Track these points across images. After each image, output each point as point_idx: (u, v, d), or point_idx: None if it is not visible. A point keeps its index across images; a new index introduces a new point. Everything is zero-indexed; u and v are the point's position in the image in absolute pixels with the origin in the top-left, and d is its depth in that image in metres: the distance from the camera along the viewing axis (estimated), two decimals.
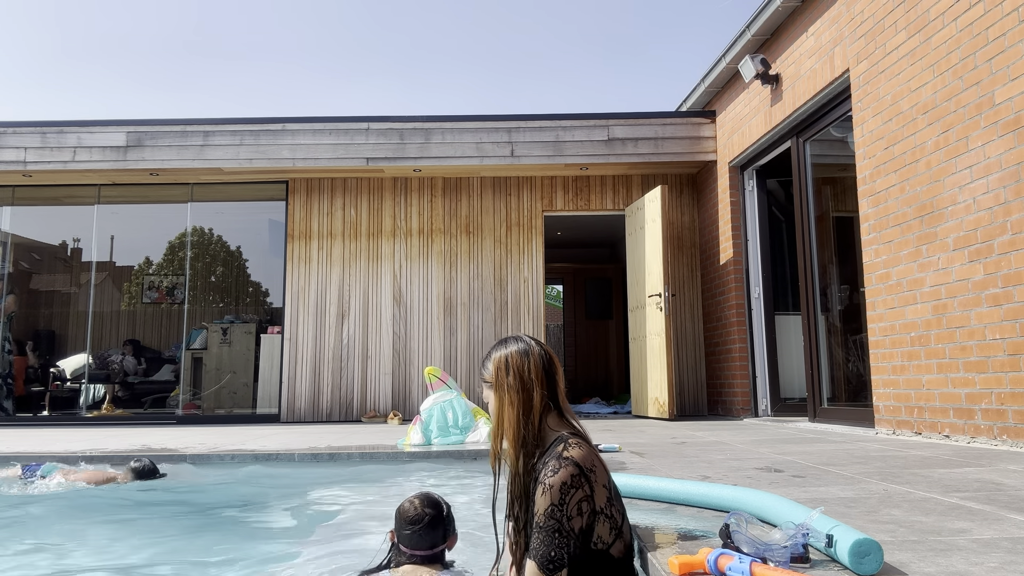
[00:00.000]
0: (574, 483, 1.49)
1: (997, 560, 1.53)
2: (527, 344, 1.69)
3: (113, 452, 4.53)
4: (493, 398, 1.69)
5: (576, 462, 1.51)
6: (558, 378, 1.68)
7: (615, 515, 1.54)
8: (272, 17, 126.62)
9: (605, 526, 1.52)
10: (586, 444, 1.60)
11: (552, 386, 1.65)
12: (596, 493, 1.51)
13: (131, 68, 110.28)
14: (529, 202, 8.32)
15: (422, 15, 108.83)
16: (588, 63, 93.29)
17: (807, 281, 6.13)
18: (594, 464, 1.54)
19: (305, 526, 2.83)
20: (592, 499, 1.50)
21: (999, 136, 3.85)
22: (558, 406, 1.67)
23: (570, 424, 1.66)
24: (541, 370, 1.64)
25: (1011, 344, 3.75)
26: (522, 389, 1.64)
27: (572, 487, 1.48)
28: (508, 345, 1.70)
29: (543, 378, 1.64)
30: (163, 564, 2.30)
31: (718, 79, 7.42)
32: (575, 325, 12.96)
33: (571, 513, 1.47)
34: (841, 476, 2.79)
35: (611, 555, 1.53)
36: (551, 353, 1.71)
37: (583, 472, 1.50)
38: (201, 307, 9.24)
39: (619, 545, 1.54)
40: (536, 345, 1.69)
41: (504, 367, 1.67)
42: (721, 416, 7.56)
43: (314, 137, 7.88)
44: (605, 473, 1.56)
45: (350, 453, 4.51)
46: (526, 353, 1.67)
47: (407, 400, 8.00)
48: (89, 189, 8.48)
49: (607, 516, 1.52)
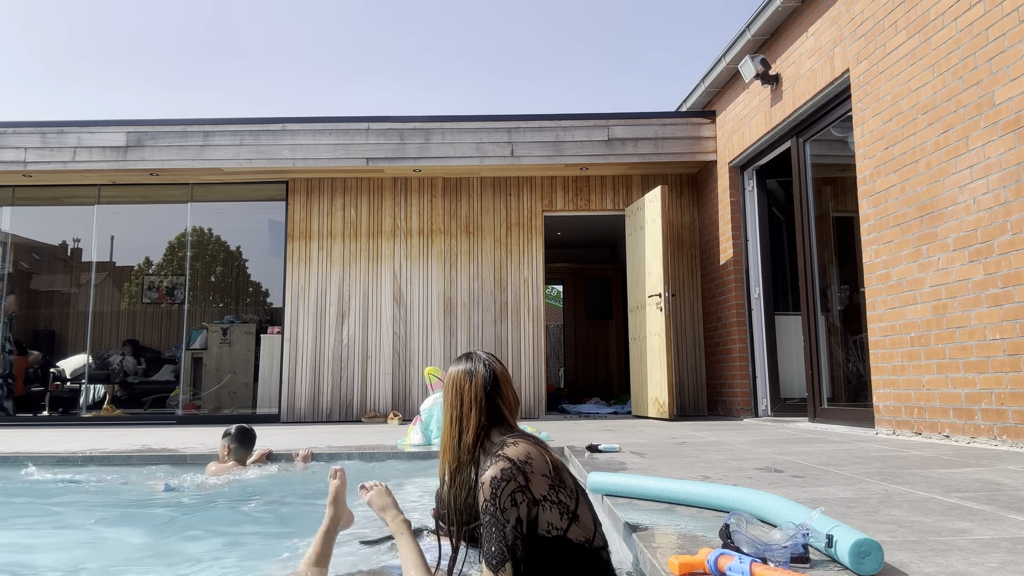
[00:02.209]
0: (504, 476, 1.54)
1: (997, 560, 1.53)
2: (473, 365, 1.76)
3: (113, 452, 4.53)
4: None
5: (507, 456, 1.57)
6: (504, 398, 1.74)
7: (564, 500, 1.56)
8: (273, 17, 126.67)
9: (553, 512, 1.55)
10: (524, 441, 1.64)
11: (493, 408, 1.71)
12: (532, 483, 1.55)
13: (131, 68, 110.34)
14: (529, 202, 8.32)
15: (423, 15, 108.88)
16: (588, 63, 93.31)
17: (807, 281, 6.13)
18: (529, 456, 1.58)
19: (305, 526, 2.83)
20: (528, 489, 1.54)
21: (999, 136, 3.85)
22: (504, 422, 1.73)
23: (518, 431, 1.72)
24: (481, 390, 1.71)
25: (1011, 344, 3.75)
26: (459, 407, 1.72)
27: (503, 480, 1.53)
28: (459, 363, 1.78)
29: (482, 398, 1.71)
30: (163, 564, 2.31)
31: (718, 79, 7.42)
32: (575, 325, 12.96)
33: (505, 504, 1.52)
34: (841, 476, 2.79)
35: (569, 539, 1.55)
36: (498, 373, 1.76)
37: (515, 464, 1.55)
38: (201, 307, 9.24)
39: (577, 530, 1.56)
40: (483, 366, 1.75)
41: (449, 385, 1.77)
42: (721, 416, 7.56)
43: (314, 137, 7.88)
44: (545, 463, 1.60)
45: (350, 453, 4.51)
46: (469, 373, 1.75)
47: (407, 400, 8.00)
48: (89, 189, 8.48)
49: (553, 503, 1.55)
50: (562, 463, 1.67)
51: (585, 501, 1.62)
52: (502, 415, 1.73)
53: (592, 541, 1.58)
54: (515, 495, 1.53)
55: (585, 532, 1.57)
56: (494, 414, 1.72)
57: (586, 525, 1.58)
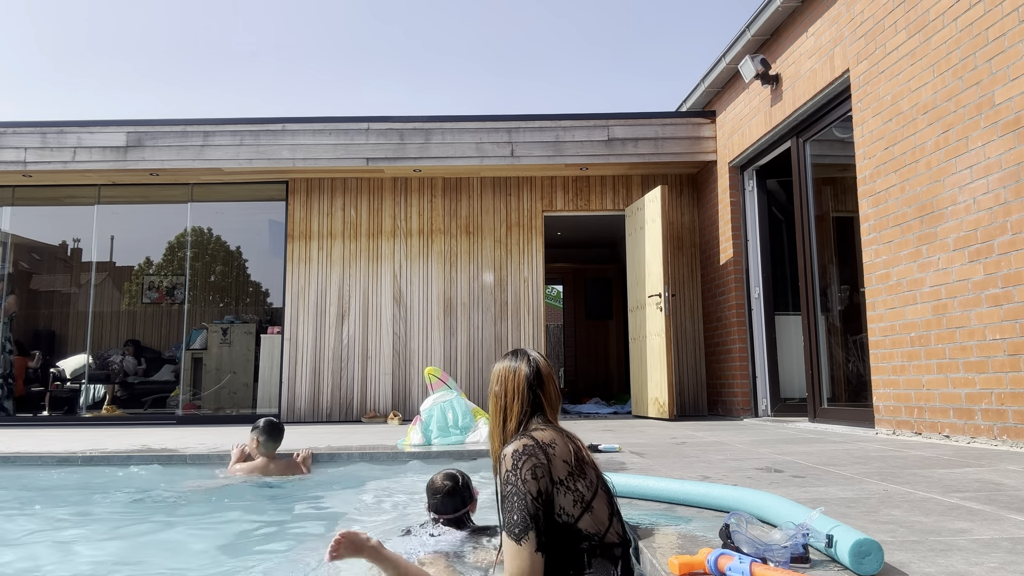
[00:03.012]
0: (526, 451, 1.62)
1: (997, 560, 1.53)
2: (518, 360, 1.86)
3: (113, 452, 4.53)
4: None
5: (532, 436, 1.67)
6: (545, 392, 1.82)
7: (580, 489, 1.61)
8: (273, 17, 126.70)
9: (567, 498, 1.60)
10: (553, 430, 1.72)
11: (535, 399, 1.80)
12: (553, 464, 1.62)
13: (132, 68, 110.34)
14: (529, 202, 8.32)
15: (423, 16, 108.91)
16: (588, 63, 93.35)
17: (807, 281, 6.13)
18: (553, 441, 1.66)
19: (304, 526, 2.84)
20: (548, 468, 1.61)
21: (999, 136, 3.85)
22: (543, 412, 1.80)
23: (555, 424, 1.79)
24: (524, 384, 1.81)
25: (1011, 344, 3.75)
26: (504, 397, 1.83)
27: (524, 455, 1.62)
28: (505, 359, 1.89)
29: (525, 391, 1.80)
30: (163, 565, 2.31)
31: (718, 79, 7.42)
32: (575, 325, 12.96)
33: (525, 476, 1.59)
34: (841, 476, 2.79)
35: (579, 529, 1.59)
36: (541, 369, 1.85)
37: (537, 444, 1.64)
38: (201, 307, 9.24)
39: (588, 520, 1.60)
40: (526, 363, 1.85)
41: (495, 378, 1.88)
42: (721, 416, 7.56)
43: (314, 137, 7.88)
44: (568, 451, 1.66)
45: (350, 453, 4.50)
46: (513, 369, 1.85)
47: (407, 400, 8.00)
48: (89, 189, 8.48)
49: (568, 488, 1.61)
50: (590, 459, 1.72)
51: (605, 496, 1.66)
52: (542, 406, 1.80)
53: (604, 535, 1.60)
54: (536, 469, 1.60)
55: (597, 525, 1.60)
56: (535, 404, 1.80)
57: (599, 518, 1.61)
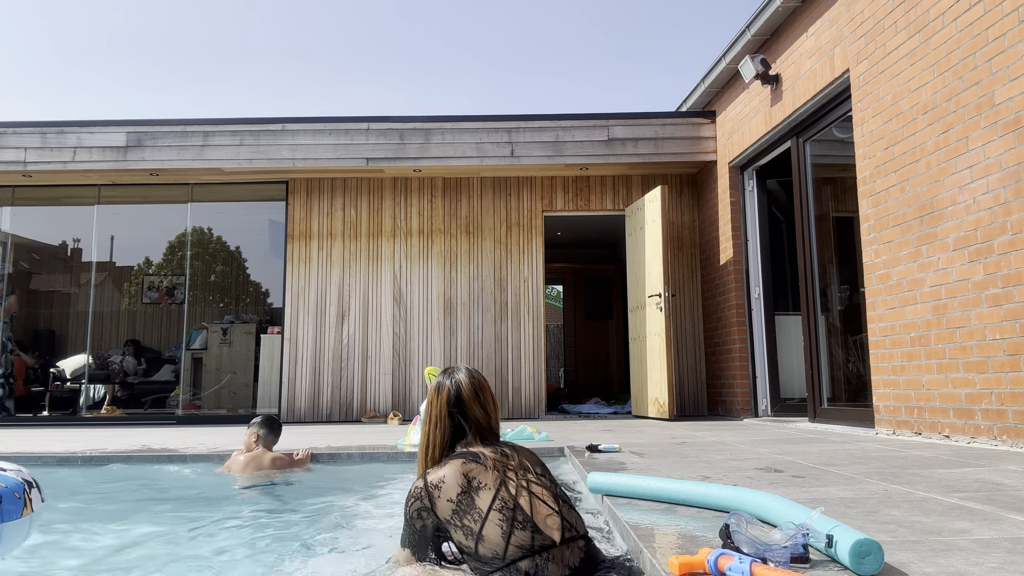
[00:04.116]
0: (414, 494, 1.78)
1: (997, 560, 1.53)
2: (444, 380, 1.93)
3: (113, 452, 4.53)
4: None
5: (425, 477, 1.79)
6: (468, 415, 1.88)
7: (467, 524, 1.70)
8: (274, 17, 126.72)
9: (459, 534, 1.71)
10: (455, 461, 1.79)
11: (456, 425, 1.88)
12: (437, 507, 1.74)
13: (131, 68, 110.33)
14: (529, 202, 8.32)
15: (424, 16, 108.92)
16: (588, 62, 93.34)
17: (807, 281, 6.13)
18: (442, 481, 1.75)
19: (304, 526, 2.84)
20: (432, 510, 1.75)
21: (999, 136, 3.85)
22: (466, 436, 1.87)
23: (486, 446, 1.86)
24: (444, 407, 1.89)
25: (1011, 344, 3.75)
26: (427, 424, 1.91)
27: (412, 497, 1.79)
28: (439, 376, 1.95)
29: (445, 419, 1.88)
30: (162, 565, 2.31)
31: (718, 79, 7.42)
32: (575, 325, 12.96)
33: (412, 516, 1.79)
34: (841, 476, 2.79)
35: (481, 555, 1.68)
36: (463, 391, 1.90)
37: (426, 487, 1.77)
38: (201, 307, 9.24)
39: (483, 548, 1.67)
40: (451, 381, 1.91)
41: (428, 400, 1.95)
42: (721, 416, 7.56)
43: (314, 137, 7.88)
44: (456, 487, 1.74)
45: (350, 453, 4.50)
46: (438, 388, 1.92)
47: (407, 400, 8.00)
48: (89, 189, 8.48)
49: (456, 526, 1.71)
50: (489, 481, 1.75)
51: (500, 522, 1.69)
52: (464, 431, 1.88)
53: (504, 556, 1.66)
54: (421, 512, 1.77)
55: (495, 549, 1.66)
56: (457, 430, 1.88)
57: (493, 542, 1.67)
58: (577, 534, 1.73)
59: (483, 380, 1.96)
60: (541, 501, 1.73)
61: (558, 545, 1.68)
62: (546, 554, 1.66)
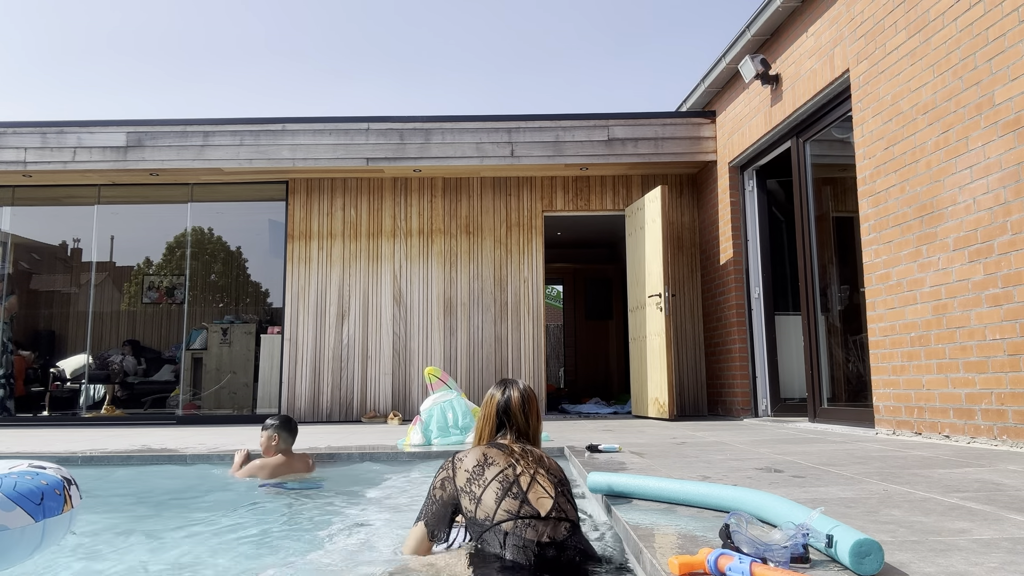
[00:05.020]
0: (443, 466, 2.08)
1: (997, 560, 1.53)
2: (500, 390, 2.26)
3: (113, 452, 4.53)
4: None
5: (454, 453, 2.10)
6: (511, 419, 2.20)
7: (473, 490, 1.96)
8: (272, 16, 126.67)
9: (465, 499, 1.97)
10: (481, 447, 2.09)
11: (500, 423, 2.21)
12: (457, 476, 2.02)
13: (130, 68, 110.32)
14: (529, 202, 8.32)
15: (423, 16, 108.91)
16: (588, 62, 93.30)
17: (807, 281, 6.13)
18: (465, 455, 2.06)
19: (304, 526, 2.84)
20: (453, 479, 2.02)
21: (999, 136, 3.85)
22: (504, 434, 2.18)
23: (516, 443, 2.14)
24: (494, 411, 2.23)
25: (1011, 344, 3.75)
26: (483, 418, 2.26)
27: (441, 468, 2.08)
28: (494, 387, 2.30)
29: (494, 417, 2.23)
30: (162, 565, 2.31)
31: (718, 79, 7.42)
32: (575, 325, 12.96)
33: (435, 485, 2.07)
34: (841, 476, 2.79)
35: (477, 519, 1.92)
36: (511, 402, 2.22)
37: (453, 459, 2.07)
38: (201, 307, 9.24)
39: (480, 510, 1.91)
40: (502, 394, 2.24)
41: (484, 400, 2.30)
42: (721, 416, 7.56)
43: (314, 137, 7.88)
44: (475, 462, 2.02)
45: (350, 453, 4.50)
46: (490, 397, 2.27)
47: (407, 400, 8.00)
48: (89, 189, 8.48)
49: (465, 492, 1.98)
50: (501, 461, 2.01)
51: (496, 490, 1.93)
52: (505, 428, 2.21)
53: (492, 518, 1.88)
54: (445, 481, 2.04)
55: (487, 511, 1.90)
56: (499, 426, 2.22)
57: (487, 506, 1.91)
58: (565, 517, 1.90)
59: (532, 396, 2.27)
60: (540, 486, 1.95)
61: (542, 518, 1.87)
62: (528, 520, 1.85)
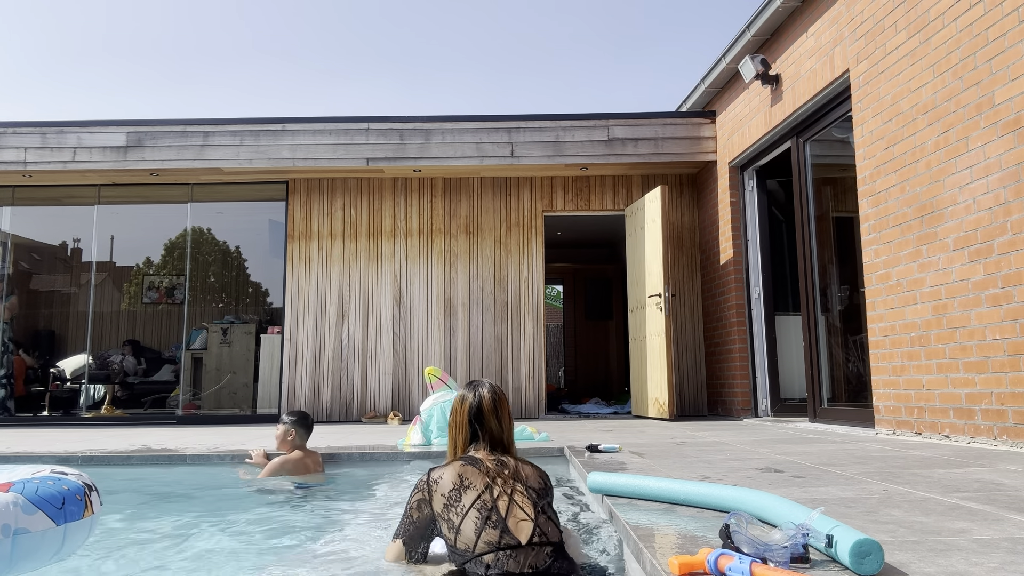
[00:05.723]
0: (417, 486, 1.99)
1: (997, 560, 1.53)
2: (465, 393, 2.15)
3: (113, 452, 4.53)
4: None
5: (429, 473, 1.99)
6: (484, 424, 2.08)
7: (451, 518, 1.88)
8: (272, 16, 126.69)
9: (444, 526, 1.90)
10: (456, 464, 1.98)
11: (474, 431, 2.09)
12: (433, 500, 1.93)
13: (127, 70, 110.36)
14: (529, 202, 8.32)
15: (424, 16, 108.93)
16: (588, 62, 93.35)
17: (807, 281, 6.13)
18: (441, 477, 1.95)
19: (304, 526, 2.84)
20: (429, 502, 1.94)
21: (999, 136, 3.85)
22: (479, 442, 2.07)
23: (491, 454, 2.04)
24: (466, 415, 2.11)
25: (1011, 344, 3.75)
26: (454, 425, 2.14)
27: (415, 489, 2.00)
28: (463, 389, 2.17)
29: (465, 422, 2.10)
30: (162, 566, 2.31)
31: (718, 79, 7.42)
32: (575, 325, 12.96)
33: (411, 505, 1.99)
34: (841, 476, 2.79)
35: (456, 547, 1.86)
36: (483, 404, 2.10)
37: (428, 482, 1.97)
38: (201, 307, 9.24)
39: (460, 540, 1.84)
40: (474, 395, 2.12)
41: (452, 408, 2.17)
42: (721, 416, 7.56)
43: (314, 137, 7.88)
44: (451, 484, 1.92)
45: (350, 453, 4.50)
46: (463, 399, 2.14)
47: (407, 400, 8.00)
48: (89, 189, 8.48)
49: (443, 519, 1.90)
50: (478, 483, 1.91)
51: (475, 519, 1.85)
52: (479, 437, 2.09)
53: (473, 550, 1.82)
54: (421, 503, 1.96)
55: (467, 543, 1.83)
56: (473, 435, 2.10)
57: (467, 537, 1.84)
58: (546, 541, 1.85)
59: (503, 396, 2.16)
60: (519, 507, 1.87)
61: (523, 547, 1.81)
62: (509, 551, 1.80)
